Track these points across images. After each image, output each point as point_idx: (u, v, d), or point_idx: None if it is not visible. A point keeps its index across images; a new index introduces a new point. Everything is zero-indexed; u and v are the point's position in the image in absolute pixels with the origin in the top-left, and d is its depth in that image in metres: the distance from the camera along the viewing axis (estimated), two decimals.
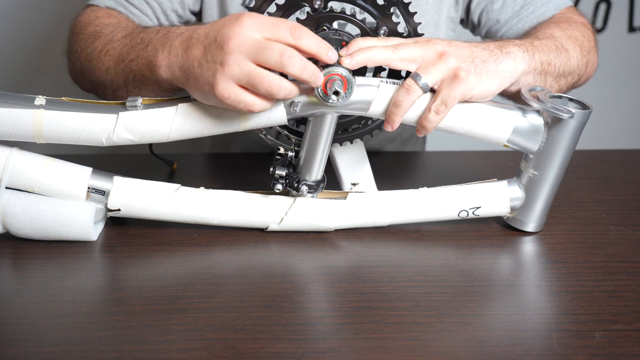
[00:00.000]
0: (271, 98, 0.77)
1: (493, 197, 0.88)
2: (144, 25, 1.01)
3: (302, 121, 0.88)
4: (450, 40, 0.84)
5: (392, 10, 0.84)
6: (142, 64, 0.84)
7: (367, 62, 0.79)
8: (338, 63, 0.78)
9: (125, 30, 0.93)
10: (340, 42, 0.81)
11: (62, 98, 0.82)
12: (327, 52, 0.77)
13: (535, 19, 1.06)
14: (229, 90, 0.76)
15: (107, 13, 1.03)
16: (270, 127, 0.86)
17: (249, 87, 0.76)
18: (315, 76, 0.76)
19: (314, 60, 0.78)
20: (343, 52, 0.79)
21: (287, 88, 0.76)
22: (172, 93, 0.86)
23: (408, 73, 0.87)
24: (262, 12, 0.84)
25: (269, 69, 0.76)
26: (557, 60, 0.92)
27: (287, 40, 0.75)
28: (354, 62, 0.78)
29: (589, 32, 1.03)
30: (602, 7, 1.91)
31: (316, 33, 0.82)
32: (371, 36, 0.84)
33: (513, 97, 0.93)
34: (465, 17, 1.15)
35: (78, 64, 0.97)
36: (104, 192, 0.84)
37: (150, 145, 1.02)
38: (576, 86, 1.03)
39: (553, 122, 0.85)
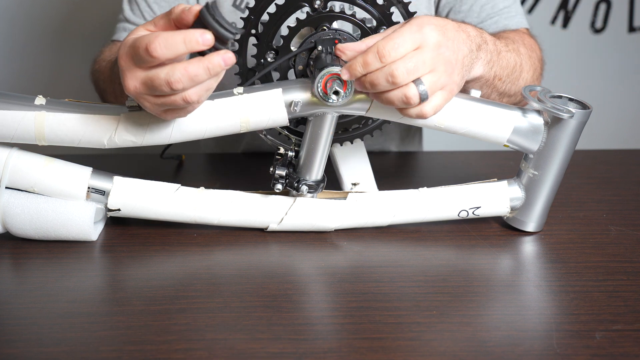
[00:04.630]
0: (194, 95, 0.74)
1: (493, 197, 0.88)
2: None
3: (302, 121, 0.88)
4: (446, 28, 0.78)
5: (392, 10, 0.84)
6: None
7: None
8: (339, 65, 0.78)
9: (110, 62, 0.99)
10: (332, 41, 0.81)
11: (65, 99, 0.83)
12: (198, 41, 0.70)
13: (498, 29, 1.06)
14: (170, 116, 0.77)
15: (110, 48, 1.11)
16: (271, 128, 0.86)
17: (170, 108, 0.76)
18: (215, 68, 0.71)
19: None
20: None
21: (202, 90, 0.73)
22: None
23: None
24: (262, 12, 0.84)
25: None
26: (508, 78, 0.91)
27: (153, 63, 0.71)
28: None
29: (540, 57, 1.03)
30: (602, 7, 1.91)
31: (315, 33, 0.83)
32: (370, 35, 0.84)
33: None
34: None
35: (103, 99, 1.09)
36: (104, 192, 0.84)
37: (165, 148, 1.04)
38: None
39: (553, 122, 0.85)
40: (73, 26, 1.75)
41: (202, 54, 0.71)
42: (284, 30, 0.85)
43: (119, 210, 0.85)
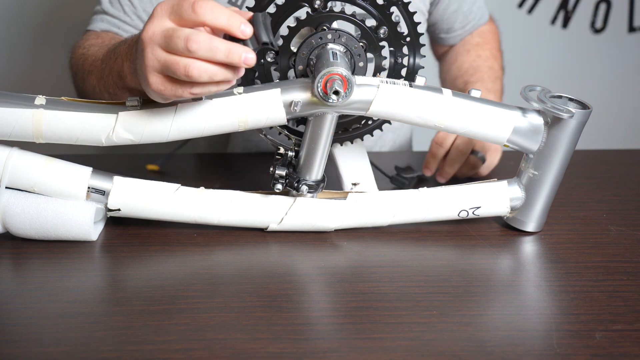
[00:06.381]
0: (205, 83, 0.73)
1: (493, 197, 0.88)
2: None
3: (302, 121, 0.88)
4: None
5: (391, 10, 0.84)
6: (115, 76, 0.88)
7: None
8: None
9: (107, 47, 0.96)
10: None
11: (62, 98, 0.82)
12: (238, 26, 0.71)
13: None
14: (158, 83, 0.74)
15: (96, 35, 1.09)
16: (270, 127, 0.85)
17: (172, 77, 0.73)
18: (233, 56, 0.71)
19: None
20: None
21: (208, 71, 0.72)
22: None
23: (408, 73, 0.87)
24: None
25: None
26: None
27: (191, 18, 0.71)
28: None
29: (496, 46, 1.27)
30: (602, 7, 1.91)
31: (315, 33, 0.83)
32: (371, 36, 0.84)
33: None
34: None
35: (79, 85, 1.05)
36: (104, 192, 0.84)
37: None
38: None
39: (553, 122, 0.85)
40: (54, 23, 1.75)
41: None
42: (284, 30, 0.85)
43: (119, 210, 0.85)
